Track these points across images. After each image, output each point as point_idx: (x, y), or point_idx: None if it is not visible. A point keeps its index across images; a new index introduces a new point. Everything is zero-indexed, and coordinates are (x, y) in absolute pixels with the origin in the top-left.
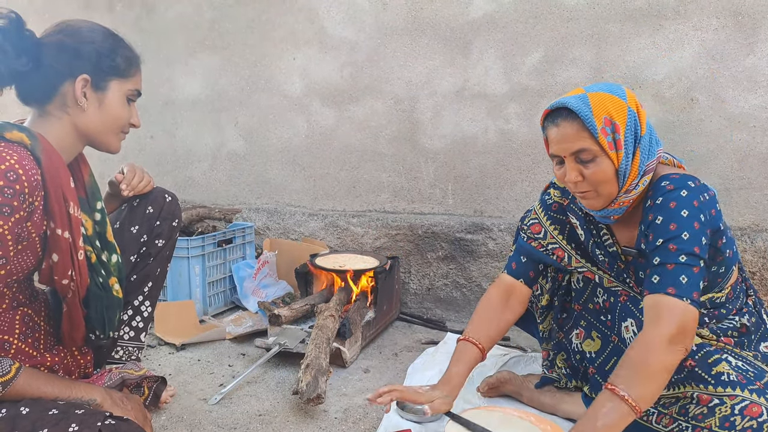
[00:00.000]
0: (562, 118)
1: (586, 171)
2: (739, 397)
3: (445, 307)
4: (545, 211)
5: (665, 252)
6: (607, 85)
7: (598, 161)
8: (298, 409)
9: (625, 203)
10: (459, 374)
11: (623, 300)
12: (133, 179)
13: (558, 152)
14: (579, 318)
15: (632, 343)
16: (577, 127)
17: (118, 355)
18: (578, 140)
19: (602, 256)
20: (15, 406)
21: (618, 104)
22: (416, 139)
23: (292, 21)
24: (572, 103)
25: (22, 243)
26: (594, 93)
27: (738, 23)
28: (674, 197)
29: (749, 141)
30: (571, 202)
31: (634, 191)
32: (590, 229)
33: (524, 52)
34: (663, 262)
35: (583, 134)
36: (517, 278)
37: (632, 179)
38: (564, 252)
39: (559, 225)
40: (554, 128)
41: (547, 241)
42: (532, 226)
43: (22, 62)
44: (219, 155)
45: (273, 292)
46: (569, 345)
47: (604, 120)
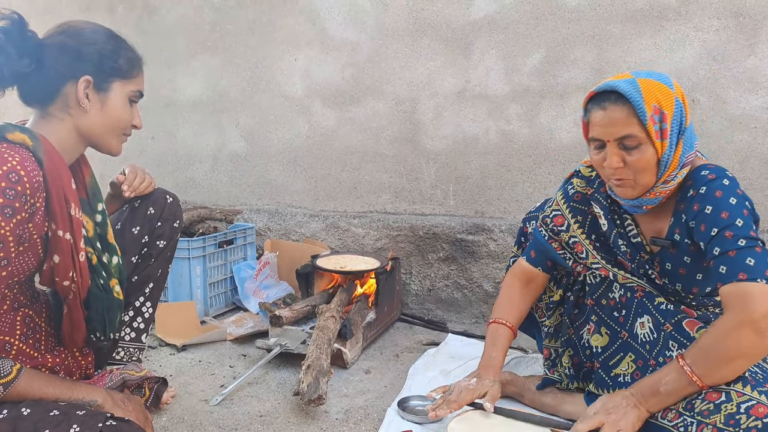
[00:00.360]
0: (611, 102)
1: (629, 158)
2: (746, 395)
3: (446, 308)
4: (567, 202)
5: (723, 240)
6: (654, 72)
7: (642, 149)
8: (299, 410)
9: (662, 194)
10: (497, 357)
11: (639, 296)
12: (134, 180)
13: (602, 136)
14: (591, 313)
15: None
16: (626, 113)
17: (119, 356)
18: (626, 126)
19: (624, 247)
20: (16, 408)
21: (666, 93)
22: (417, 140)
23: (293, 22)
24: (623, 87)
25: (24, 244)
26: (643, 79)
27: (739, 24)
28: (718, 186)
29: (750, 142)
30: (595, 191)
31: (672, 182)
32: (614, 219)
33: (525, 53)
34: (724, 250)
35: (632, 120)
36: (535, 267)
37: (672, 170)
38: (583, 247)
39: (580, 216)
40: (600, 111)
41: (569, 235)
42: (555, 218)
43: (24, 63)
44: (220, 156)
45: (274, 293)
46: (579, 341)
47: (654, 108)
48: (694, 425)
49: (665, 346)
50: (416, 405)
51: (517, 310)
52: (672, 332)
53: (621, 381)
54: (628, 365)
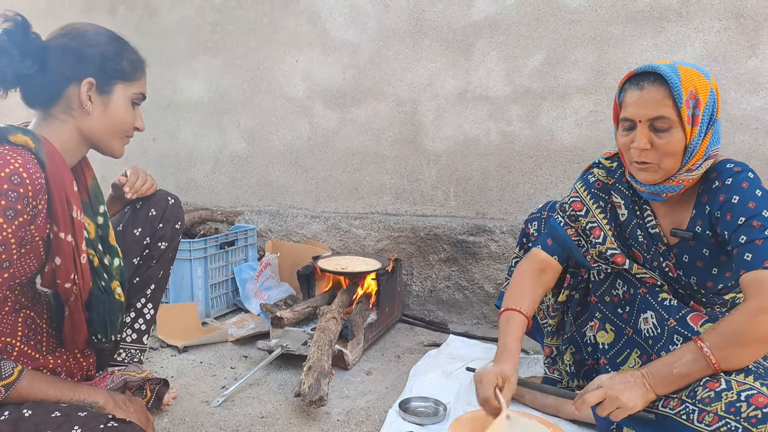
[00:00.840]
0: (649, 82)
1: (658, 140)
2: (747, 384)
3: (447, 309)
4: (587, 189)
5: (750, 229)
6: (692, 64)
7: (672, 132)
8: (301, 412)
9: (684, 182)
10: (513, 345)
11: (643, 292)
12: (136, 182)
13: (635, 116)
14: (594, 310)
15: (732, 311)
16: (663, 94)
17: (120, 358)
18: (661, 107)
19: (642, 238)
20: (17, 409)
21: (703, 82)
22: (418, 142)
23: (295, 23)
24: (664, 69)
25: (26, 246)
26: (682, 66)
27: (740, 25)
28: (744, 178)
29: (751, 143)
30: (616, 181)
31: (696, 171)
32: (634, 209)
33: (526, 55)
34: (751, 239)
35: (668, 102)
36: (551, 255)
37: (697, 159)
38: (601, 231)
39: (602, 202)
40: (637, 91)
41: (587, 221)
42: (574, 203)
43: (27, 65)
44: (221, 157)
45: (275, 294)
46: (581, 338)
47: (690, 93)
48: (696, 413)
49: (669, 340)
50: (417, 406)
51: (530, 297)
52: (676, 327)
53: None
54: (635, 361)
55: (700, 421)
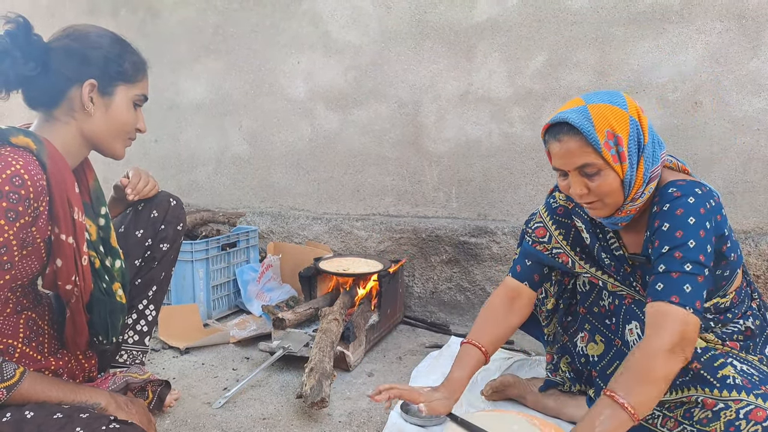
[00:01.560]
0: (564, 133)
1: (591, 184)
2: (744, 401)
3: (449, 310)
4: (550, 215)
5: (671, 260)
6: (606, 93)
7: (602, 174)
8: (302, 413)
9: (632, 211)
10: (461, 378)
11: (628, 302)
12: (138, 183)
13: (561, 167)
14: (584, 321)
15: (633, 349)
16: (579, 143)
17: (122, 359)
18: (581, 155)
19: (608, 260)
20: (20, 411)
21: (619, 115)
22: (420, 143)
23: (296, 25)
24: (573, 118)
25: (27, 248)
26: (594, 105)
27: (742, 26)
28: (681, 204)
29: (753, 144)
30: (576, 206)
31: (639, 199)
32: (596, 233)
33: (528, 56)
34: (668, 270)
35: (587, 149)
36: (521, 281)
37: (637, 188)
38: (568, 257)
39: (564, 229)
40: (556, 143)
41: (552, 246)
42: (536, 230)
43: (29, 67)
44: (223, 159)
45: (277, 296)
46: (573, 348)
47: (607, 134)
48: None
49: None
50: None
51: (495, 332)
52: None
53: None
54: None
55: None
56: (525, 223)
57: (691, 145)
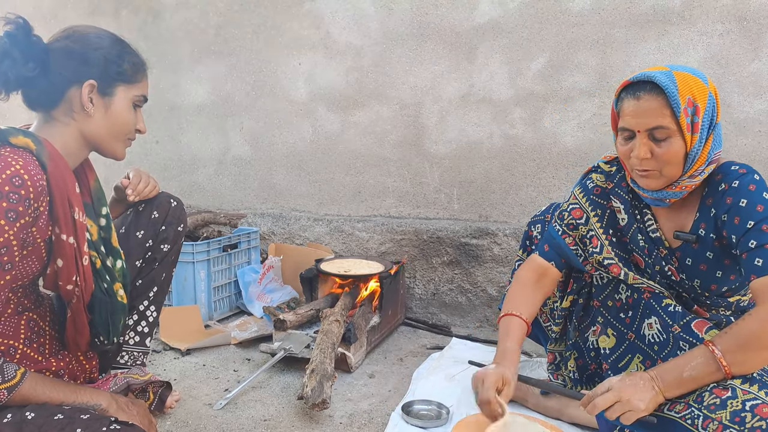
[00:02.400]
0: (646, 92)
1: (658, 149)
2: (752, 394)
3: (450, 312)
4: (586, 195)
5: (759, 233)
6: (690, 68)
7: (672, 141)
8: (303, 415)
9: (687, 188)
10: (513, 348)
11: (647, 297)
12: (138, 184)
13: (633, 126)
14: (597, 314)
15: (744, 316)
16: (660, 103)
17: (123, 360)
18: (659, 116)
19: (643, 242)
20: (20, 411)
21: (701, 87)
22: (421, 144)
23: (298, 27)
24: (660, 78)
25: (28, 248)
26: (679, 72)
27: (743, 28)
28: (751, 180)
29: (755, 146)
30: (616, 185)
31: (698, 177)
32: (634, 214)
33: (529, 58)
34: (761, 243)
35: (665, 111)
36: (549, 260)
37: (699, 165)
38: (598, 241)
39: (600, 210)
40: (634, 101)
41: (587, 228)
42: (573, 211)
43: (29, 68)
44: (224, 160)
45: (278, 297)
46: (584, 343)
47: (688, 100)
48: (701, 419)
49: (676, 346)
50: (420, 409)
51: (530, 303)
52: (681, 333)
53: None
54: (637, 366)
55: (705, 427)
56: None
57: None
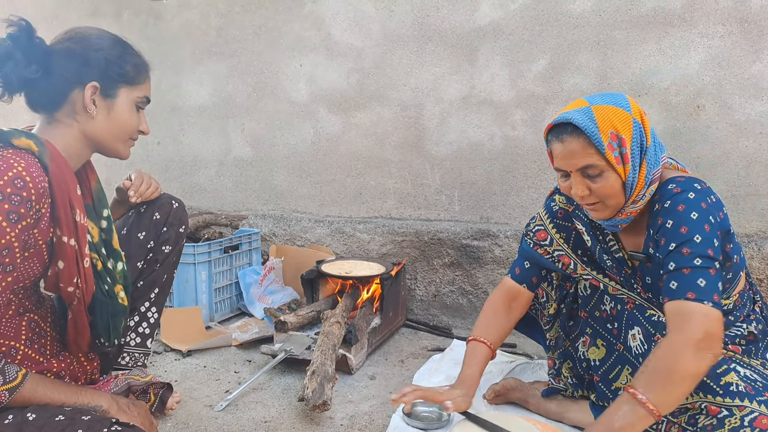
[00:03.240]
0: (568, 134)
1: (594, 185)
2: (748, 408)
3: (451, 313)
4: (551, 218)
5: (679, 256)
6: (609, 95)
7: (605, 176)
8: (304, 416)
9: (632, 213)
10: (473, 374)
11: (630, 308)
12: (140, 185)
13: (563, 167)
14: (585, 325)
15: (656, 348)
16: (583, 143)
17: (124, 362)
18: (585, 156)
19: (609, 262)
20: (22, 413)
21: (623, 117)
22: (422, 146)
23: (299, 28)
24: (577, 118)
25: (29, 250)
26: (598, 106)
27: (744, 30)
28: (682, 200)
29: (756, 148)
30: (576, 208)
31: (641, 201)
32: (596, 236)
33: (530, 59)
34: (678, 267)
35: (590, 150)
36: (520, 283)
37: (639, 190)
38: (570, 259)
39: (564, 232)
40: (559, 144)
41: (553, 248)
42: (537, 233)
43: (31, 70)
44: (225, 161)
45: (279, 299)
46: (575, 353)
47: (611, 135)
48: None
49: None
50: (421, 411)
51: (499, 328)
52: None
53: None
54: (627, 378)
55: None
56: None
57: (693, 149)
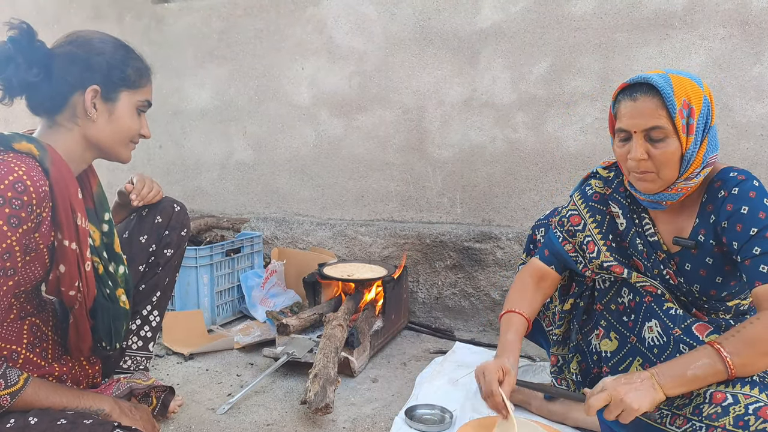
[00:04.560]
0: (642, 93)
1: (654, 150)
2: (753, 397)
3: (453, 316)
4: (585, 202)
5: (763, 240)
6: (685, 72)
7: (668, 141)
8: (306, 419)
9: (683, 189)
10: (513, 340)
11: (648, 301)
12: (142, 189)
13: (629, 127)
14: (600, 318)
15: (751, 319)
16: (656, 104)
17: (126, 365)
18: (655, 117)
19: (641, 246)
20: (23, 417)
21: (696, 90)
22: (424, 149)
23: (301, 31)
24: (656, 79)
25: (30, 254)
26: (675, 75)
27: (745, 32)
28: (750, 187)
29: (756, 150)
30: (614, 191)
31: (695, 179)
32: (632, 218)
33: (532, 62)
34: (765, 250)
35: (661, 112)
36: (548, 265)
37: (695, 167)
38: (595, 246)
39: (599, 215)
40: (630, 102)
41: (584, 235)
42: (572, 218)
43: (33, 73)
44: (227, 165)
45: (281, 302)
46: (587, 347)
47: (683, 102)
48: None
49: (676, 349)
50: (424, 413)
51: (530, 302)
52: (681, 336)
53: None
54: (636, 369)
55: None
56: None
57: None
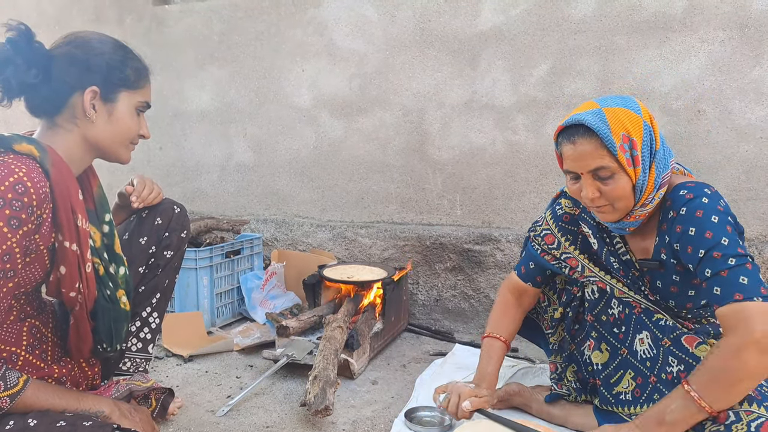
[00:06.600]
0: (579, 135)
1: (604, 188)
2: (755, 413)
3: (453, 318)
4: (556, 222)
5: (712, 261)
6: (620, 98)
7: (616, 178)
8: (306, 421)
9: (641, 216)
10: (494, 372)
11: (637, 312)
12: (143, 191)
13: (575, 169)
14: (591, 329)
15: (714, 348)
16: (595, 145)
17: (125, 367)
18: (597, 158)
19: (617, 264)
20: (23, 419)
21: (634, 119)
22: (424, 151)
23: (301, 33)
24: (590, 120)
25: (30, 255)
26: (609, 108)
27: (744, 35)
28: (697, 205)
29: (756, 152)
30: (582, 211)
31: (650, 204)
32: (603, 238)
33: (532, 64)
34: (716, 271)
35: (602, 152)
36: (525, 282)
37: (648, 193)
38: (577, 262)
39: (570, 236)
40: (570, 146)
41: (561, 251)
42: (545, 237)
43: (31, 74)
44: (227, 166)
45: (281, 303)
46: (581, 357)
47: (622, 137)
48: None
49: (665, 362)
50: (423, 416)
51: (510, 323)
52: (671, 347)
53: (623, 399)
54: (628, 383)
55: None
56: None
57: (694, 153)
